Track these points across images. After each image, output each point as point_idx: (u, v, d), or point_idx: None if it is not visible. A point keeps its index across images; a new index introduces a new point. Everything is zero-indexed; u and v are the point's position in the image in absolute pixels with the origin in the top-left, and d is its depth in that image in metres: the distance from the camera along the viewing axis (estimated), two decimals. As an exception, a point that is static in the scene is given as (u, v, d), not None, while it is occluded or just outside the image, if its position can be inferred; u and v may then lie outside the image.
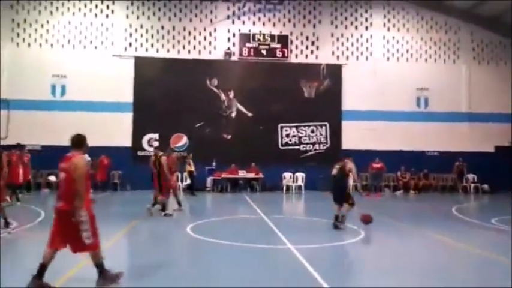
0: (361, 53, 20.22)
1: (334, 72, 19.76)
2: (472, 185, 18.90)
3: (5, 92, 18.00)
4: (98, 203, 8.60)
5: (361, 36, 20.26)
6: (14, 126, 17.74)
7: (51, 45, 18.73)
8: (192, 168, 16.50)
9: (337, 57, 20.06)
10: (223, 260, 6.33)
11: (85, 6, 18.99)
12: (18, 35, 18.65)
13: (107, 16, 19.10)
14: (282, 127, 19.50)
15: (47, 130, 17.70)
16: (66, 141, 16.35)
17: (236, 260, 6.34)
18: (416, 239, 8.38)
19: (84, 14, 18.97)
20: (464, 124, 19.99)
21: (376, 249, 7.58)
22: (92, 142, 16.62)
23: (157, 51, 19.16)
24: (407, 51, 20.40)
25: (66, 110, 18.07)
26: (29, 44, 18.65)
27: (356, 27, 20.26)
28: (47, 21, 18.78)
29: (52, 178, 16.45)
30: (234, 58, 19.49)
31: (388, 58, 20.30)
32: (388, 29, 20.41)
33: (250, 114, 19.39)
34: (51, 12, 18.84)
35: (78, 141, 4.85)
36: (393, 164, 18.45)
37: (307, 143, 19.60)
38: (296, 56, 19.87)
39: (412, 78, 19.97)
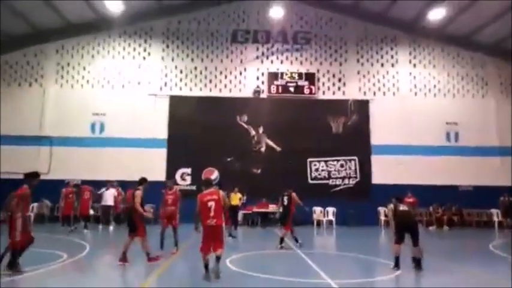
0: (388, 89, 20.61)
1: (362, 107, 20.15)
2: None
3: (48, 130, 19.23)
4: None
5: (388, 73, 20.72)
6: (55, 162, 18.79)
7: (92, 85, 19.98)
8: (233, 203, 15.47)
9: (364, 93, 20.50)
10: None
11: (124, 49, 20.35)
12: (62, 77, 20.03)
13: (144, 58, 20.34)
14: (311, 162, 19.79)
15: (86, 165, 18.61)
16: (104, 176, 17.19)
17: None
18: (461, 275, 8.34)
19: (123, 56, 20.29)
20: (496, 158, 19.78)
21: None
22: (128, 177, 17.42)
23: (191, 89, 20.12)
24: (435, 86, 20.67)
25: (104, 146, 19.05)
26: (72, 85, 19.96)
27: (382, 65, 20.78)
28: (89, 64, 20.15)
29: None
30: (263, 95, 20.21)
31: (415, 93, 20.59)
32: (414, 65, 20.84)
33: (279, 149, 19.82)
34: (93, 56, 20.24)
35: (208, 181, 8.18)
36: (425, 199, 18.27)
37: (336, 177, 19.75)
38: (323, 92, 20.43)
39: (441, 113, 20.14)
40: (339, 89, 20.51)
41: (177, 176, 19.23)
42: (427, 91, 20.61)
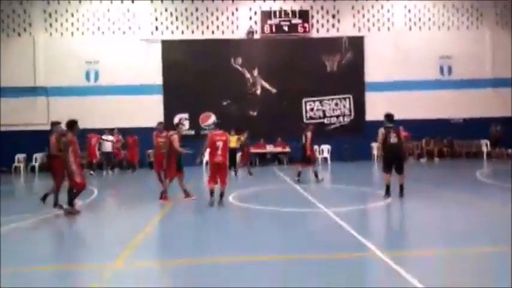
0: (383, 24, 20.34)
1: (356, 44, 20.01)
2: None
3: (42, 80, 19.19)
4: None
5: (382, 7, 20.31)
6: (52, 112, 18.95)
7: (82, 33, 19.59)
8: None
9: (359, 29, 20.25)
10: (273, 223, 7.19)
11: (111, -8, 19.70)
12: (50, 25, 19.56)
13: (133, 1, 19.73)
14: (306, 101, 20.05)
15: (84, 114, 18.76)
16: (102, 124, 17.35)
17: (282, 222, 7.19)
18: (444, 199, 9.00)
19: (111, 1, 19.67)
20: (488, 90, 20.06)
21: (406, 211, 8.28)
22: (125, 124, 17.93)
23: (182, 33, 19.80)
24: (429, 19, 20.39)
25: (100, 94, 19.14)
26: (61, 33, 19.57)
27: (377, -3, 20.29)
28: (76, 10, 19.59)
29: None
30: (257, 36, 19.95)
31: (410, 27, 20.36)
32: (410, -3, 20.35)
33: (274, 91, 19.97)
34: (80, 1, 19.62)
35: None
36: (418, 133, 18.79)
37: (331, 116, 20.13)
38: (317, 30, 20.16)
39: (435, 47, 20.04)
40: (333, 26, 20.22)
41: (175, 121, 19.53)
42: (422, 24, 20.36)
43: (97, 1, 19.63)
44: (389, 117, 9.08)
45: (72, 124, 8.16)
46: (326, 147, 19.28)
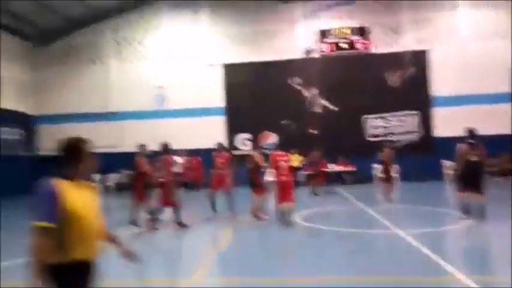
0: (448, 36, 19.52)
1: (420, 58, 19.40)
2: None
3: (113, 105, 20.63)
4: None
5: (446, 18, 19.54)
6: (125, 135, 20.25)
7: (149, 59, 20.85)
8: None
9: (421, 42, 19.59)
10: (349, 244, 7.03)
11: (173, 20, 20.83)
12: (121, 53, 21.10)
13: (194, 28, 20.71)
14: (367, 118, 19.63)
15: (152, 137, 19.78)
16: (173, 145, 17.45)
17: (358, 244, 7.03)
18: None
19: (174, 28, 20.82)
20: None
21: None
22: (190, 145, 18.46)
23: (242, 56, 20.38)
24: (497, 29, 19.19)
25: (166, 117, 20.17)
26: (131, 61, 20.99)
27: (440, 9, 19.56)
28: (143, 38, 21.00)
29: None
30: (315, 55, 20.02)
31: (476, 38, 19.33)
32: (475, 6, 19.39)
33: (334, 108, 19.83)
34: (146, 30, 20.98)
35: None
36: (491, 150, 17.37)
37: (396, 133, 19.49)
38: (377, 46, 19.81)
39: (505, 57, 18.79)
40: (394, 40, 19.76)
41: (238, 142, 20.02)
42: (490, 35, 19.23)
43: (163, 28, 20.90)
44: (471, 132, 8.52)
45: (166, 147, 9.01)
46: (394, 166, 18.56)
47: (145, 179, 9.15)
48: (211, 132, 19.41)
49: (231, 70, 20.23)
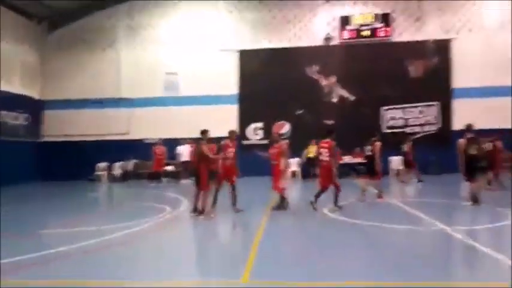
0: (473, 25, 18.68)
1: (443, 47, 18.62)
2: None
3: (125, 92, 19.92)
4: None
5: (472, 6, 18.69)
6: (133, 123, 19.60)
7: (163, 45, 20.07)
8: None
9: (446, 31, 18.77)
10: (394, 240, 6.42)
11: (189, 4, 20.05)
12: (134, 38, 20.33)
13: (211, 12, 19.93)
14: (386, 109, 18.90)
15: (162, 124, 19.19)
16: (179, 134, 17.23)
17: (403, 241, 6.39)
18: None
19: (190, 13, 20.04)
20: None
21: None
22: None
23: (260, 42, 19.61)
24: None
25: (178, 104, 19.46)
26: (144, 47, 20.21)
27: (466, -3, 18.74)
28: (158, 24, 20.24)
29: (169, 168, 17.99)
30: (335, 42, 19.24)
31: (502, 27, 18.47)
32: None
33: (352, 98, 19.10)
34: (161, 15, 20.21)
35: None
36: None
37: (415, 125, 18.76)
38: (400, 34, 19.00)
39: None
40: (417, 28, 18.94)
41: (250, 131, 19.35)
42: (518, 24, 18.40)
43: (177, 14, 20.11)
44: (469, 127, 9.41)
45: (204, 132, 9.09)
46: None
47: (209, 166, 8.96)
48: (223, 121, 18.72)
49: (246, 56, 19.47)
